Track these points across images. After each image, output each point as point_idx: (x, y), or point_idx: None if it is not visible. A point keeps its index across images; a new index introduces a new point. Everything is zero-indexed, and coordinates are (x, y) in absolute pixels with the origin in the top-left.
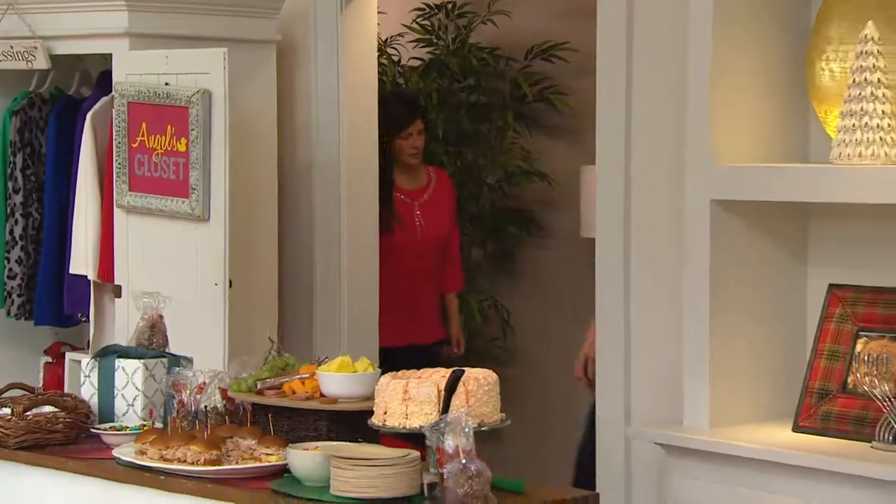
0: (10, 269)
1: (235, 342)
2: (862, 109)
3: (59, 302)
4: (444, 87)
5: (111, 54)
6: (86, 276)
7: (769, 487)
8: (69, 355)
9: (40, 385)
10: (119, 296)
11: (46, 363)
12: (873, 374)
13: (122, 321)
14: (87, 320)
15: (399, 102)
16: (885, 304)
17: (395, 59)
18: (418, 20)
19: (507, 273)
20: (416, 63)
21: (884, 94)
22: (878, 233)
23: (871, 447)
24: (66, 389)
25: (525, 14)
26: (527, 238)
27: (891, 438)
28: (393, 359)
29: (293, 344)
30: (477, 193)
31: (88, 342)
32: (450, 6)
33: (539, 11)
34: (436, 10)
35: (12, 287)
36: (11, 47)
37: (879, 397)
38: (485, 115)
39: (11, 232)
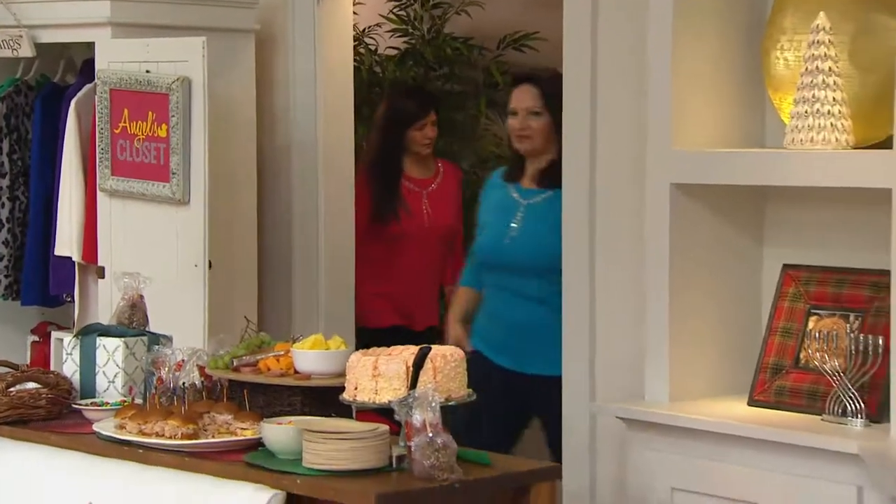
0: None
1: (215, 322)
2: (814, 96)
3: (45, 283)
4: (419, 75)
5: (94, 42)
6: (70, 258)
7: (725, 458)
8: (54, 334)
9: (27, 363)
10: (102, 277)
11: (33, 342)
12: (824, 351)
13: (105, 301)
14: (73, 300)
15: (415, 95)
16: (835, 283)
17: (372, 48)
18: (394, 11)
19: None
20: (393, 52)
21: (835, 82)
22: (830, 215)
23: (822, 420)
24: (52, 367)
25: (497, 5)
26: None
27: (840, 411)
28: (384, 340)
29: (272, 323)
30: None
31: (74, 322)
32: None
33: (510, 2)
34: (411, 1)
35: None
36: None
37: (829, 372)
38: (459, 103)
39: None
